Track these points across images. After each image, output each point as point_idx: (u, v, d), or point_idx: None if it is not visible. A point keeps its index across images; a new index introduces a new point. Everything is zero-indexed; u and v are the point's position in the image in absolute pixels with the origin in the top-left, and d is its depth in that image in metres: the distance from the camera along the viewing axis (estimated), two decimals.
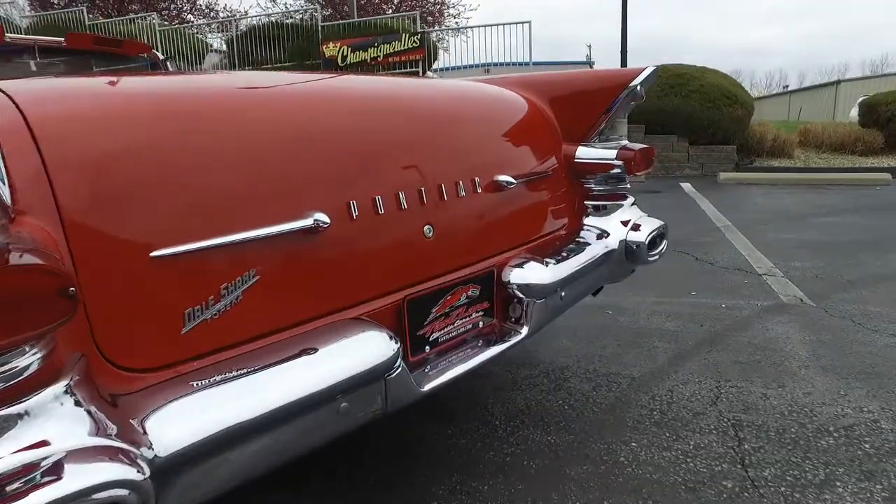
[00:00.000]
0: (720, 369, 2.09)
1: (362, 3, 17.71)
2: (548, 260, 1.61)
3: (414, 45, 10.40)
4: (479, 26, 10.23)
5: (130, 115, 1.01)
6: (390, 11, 15.00)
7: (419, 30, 10.42)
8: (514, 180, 1.56)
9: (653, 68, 1.87)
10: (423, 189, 1.35)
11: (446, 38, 15.93)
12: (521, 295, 1.51)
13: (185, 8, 18.02)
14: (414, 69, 10.24)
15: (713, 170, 8.37)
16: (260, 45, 11.53)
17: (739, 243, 4.11)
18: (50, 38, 3.65)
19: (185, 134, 1.04)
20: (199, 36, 13.76)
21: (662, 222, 1.94)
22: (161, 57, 4.03)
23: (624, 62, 9.33)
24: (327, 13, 16.88)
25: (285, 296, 1.12)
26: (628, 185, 1.98)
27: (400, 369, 1.16)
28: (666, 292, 3.02)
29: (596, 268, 1.75)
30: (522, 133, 1.78)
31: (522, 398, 1.92)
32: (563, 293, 1.61)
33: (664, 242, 1.96)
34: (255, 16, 12.30)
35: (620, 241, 1.82)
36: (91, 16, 13.88)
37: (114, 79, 1.23)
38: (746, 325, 2.52)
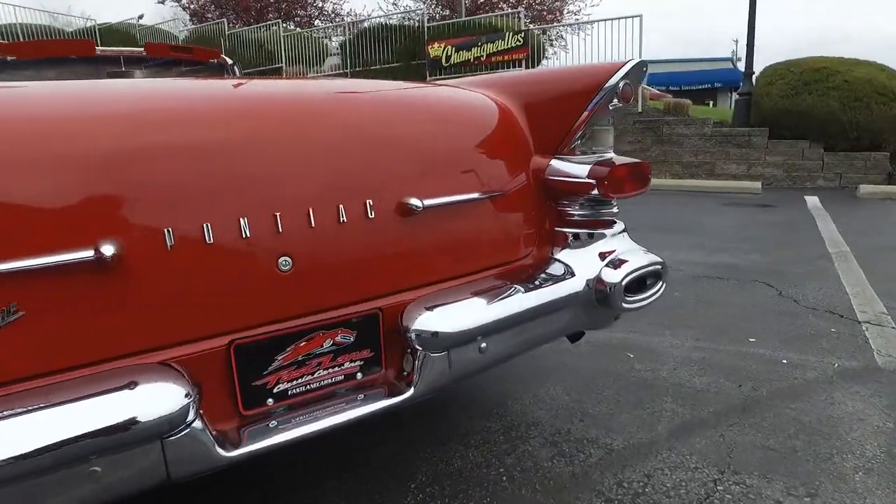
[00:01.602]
0: (734, 454, 1.59)
1: (480, 2, 17.62)
2: (472, 302, 1.30)
3: (517, 43, 10.04)
4: (584, 22, 9.60)
5: None
6: (507, 8, 14.71)
7: (523, 28, 10.03)
8: (424, 203, 1.26)
9: (635, 62, 1.46)
10: (279, 214, 1.12)
11: (564, 35, 15.30)
12: (415, 345, 1.22)
13: (314, 14, 19.25)
14: (517, 69, 9.90)
15: (853, 181, 7.04)
16: (370, 47, 11.89)
17: (849, 277, 3.30)
18: (133, 48, 3.95)
19: None
20: (325, 40, 14.60)
21: (656, 259, 1.52)
22: (229, 62, 4.20)
23: (750, 58, 8.17)
24: (445, 13, 17.03)
25: (61, 335, 0.96)
26: (615, 210, 1.58)
27: (187, 431, 0.96)
28: (714, 335, 2.46)
29: (547, 313, 1.40)
30: (466, 144, 1.45)
31: (461, 458, 1.60)
32: (483, 345, 1.29)
33: (657, 285, 1.53)
34: (366, 19, 12.70)
35: (589, 281, 1.44)
36: (230, 25, 15.29)
37: None
38: (804, 393, 1.93)
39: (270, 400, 1.15)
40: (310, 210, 1.16)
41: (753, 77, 8.24)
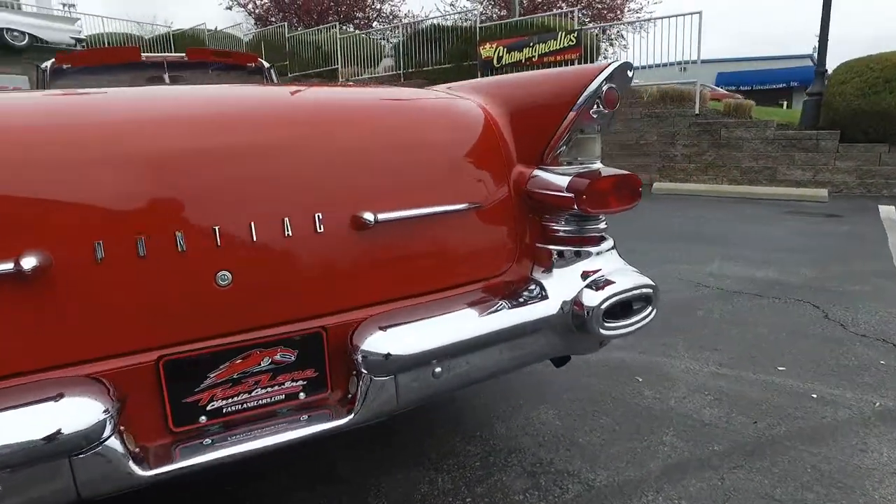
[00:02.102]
0: (731, 502, 1.42)
1: (538, 1, 17.33)
2: (427, 323, 1.22)
3: (570, 43, 9.76)
4: (636, 21, 9.18)
5: None
6: (565, 7, 14.36)
7: (576, 27, 9.74)
8: (378, 218, 1.19)
9: (618, 64, 1.33)
10: (219, 227, 1.09)
11: (625, 34, 14.78)
12: (360, 368, 1.15)
13: (372, 16, 19.56)
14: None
15: None
16: (423, 48, 11.93)
17: None
18: (177, 54, 4.11)
19: None
20: (382, 41, 14.80)
21: (645, 281, 1.39)
22: (266, 65, 4.31)
23: (822, 55, 7.54)
24: (503, 13, 16.86)
25: None
26: (602, 225, 1.45)
27: (99, 448, 0.93)
28: (739, 360, 2.25)
29: (515, 337, 1.29)
30: (433, 153, 1.37)
31: (429, 484, 1.52)
32: (438, 369, 1.21)
33: (646, 310, 1.39)
34: (420, 20, 12.75)
35: (564, 304, 1.32)
36: (293, 28, 15.77)
37: None
38: (830, 436, 1.72)
39: (203, 417, 1.11)
40: (251, 223, 1.12)
41: (825, 75, 7.62)
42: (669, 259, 3.89)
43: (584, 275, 1.38)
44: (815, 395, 1.96)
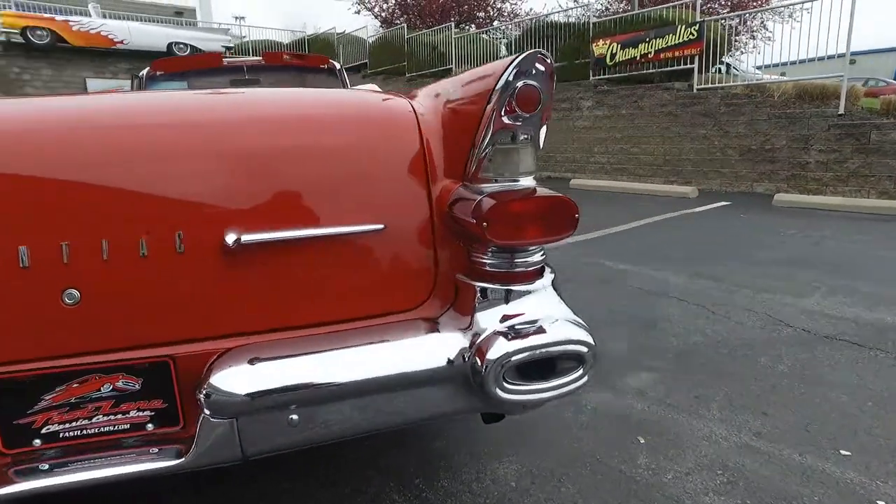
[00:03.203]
0: None
1: None
2: (283, 363, 1.06)
3: (690, 37, 8.83)
4: (774, 7, 8.02)
5: None
6: None
7: (697, 19, 8.78)
8: (243, 239, 1.06)
9: (524, 56, 1.07)
10: (67, 244, 1.03)
11: (770, 25, 13.15)
12: (203, 406, 1.02)
13: (493, 15, 19.43)
14: (689, 65, 8.74)
15: None
16: (534, 47, 11.58)
17: None
18: (254, 58, 4.35)
19: None
20: (496, 41, 14.66)
21: (577, 336, 1.11)
22: (337, 66, 4.41)
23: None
24: (625, 6, 15.85)
25: None
26: (536, 258, 1.18)
27: None
28: (789, 433, 1.78)
29: (396, 389, 1.09)
30: (334, 164, 1.19)
31: None
32: (295, 417, 1.05)
33: (573, 375, 1.11)
34: (534, 17, 12.32)
35: (464, 353, 1.09)
36: (416, 29, 16.16)
37: None
38: None
39: (38, 441, 1.05)
40: (105, 240, 1.04)
41: None
42: (759, 286, 3.29)
43: (505, 318, 1.12)
44: (881, 503, 1.47)
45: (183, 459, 1.03)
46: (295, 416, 1.05)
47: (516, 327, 1.09)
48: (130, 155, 1.08)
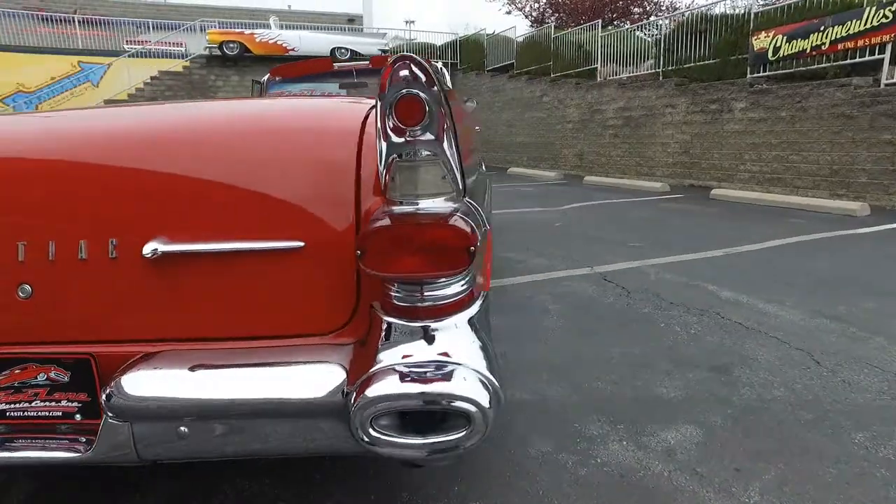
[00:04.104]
0: None
1: None
2: (177, 374, 1.10)
3: (883, 20, 7.38)
4: None
5: None
6: None
7: None
8: (161, 249, 1.11)
9: (396, 58, 0.94)
10: (25, 243, 1.16)
11: None
12: (104, 407, 1.09)
13: (651, 10, 18.16)
14: (877, 56, 7.31)
15: None
16: (685, 43, 10.58)
17: None
18: (361, 62, 4.63)
19: None
20: (650, 37, 13.69)
21: (472, 392, 0.98)
22: (438, 66, 4.52)
23: None
24: None
25: None
26: (454, 290, 1.06)
27: None
28: None
29: (274, 416, 1.06)
30: (263, 177, 1.17)
31: None
32: (184, 429, 1.07)
33: (457, 435, 0.97)
34: (685, 11, 11.20)
35: (336, 392, 1.02)
36: (561, 29, 15.73)
37: None
38: None
39: None
40: (52, 242, 1.15)
41: None
42: (878, 328, 2.64)
43: (404, 357, 1.03)
44: None
45: (82, 454, 1.10)
46: (184, 429, 1.07)
47: (403, 370, 0.98)
48: (69, 169, 1.17)
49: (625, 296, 3.41)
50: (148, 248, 1.11)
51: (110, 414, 1.07)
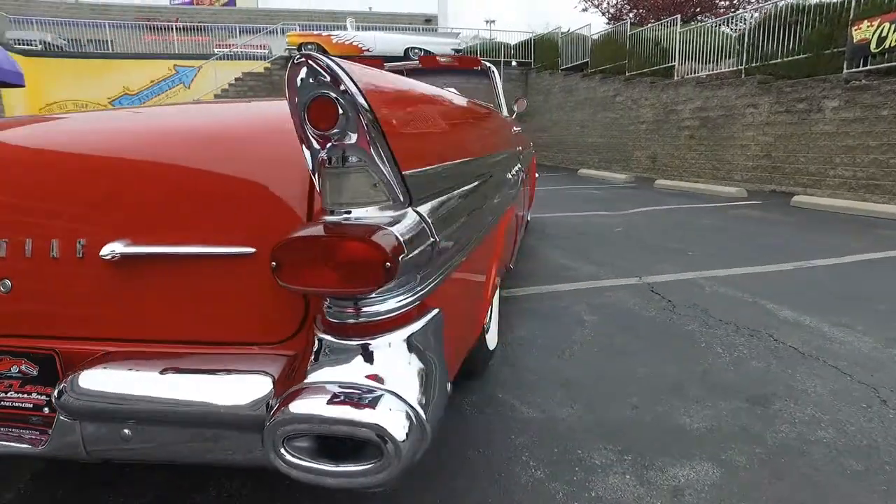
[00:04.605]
0: None
1: None
2: (121, 374, 1.11)
3: None
4: None
5: None
6: None
7: None
8: (119, 251, 1.13)
9: (297, 56, 0.88)
10: (6, 241, 1.22)
11: None
12: (56, 402, 1.12)
13: (738, 4, 16.98)
14: None
15: None
16: (773, 36, 9.79)
17: None
18: (411, 62, 4.68)
19: None
20: (731, 32, 12.84)
21: (384, 421, 0.91)
22: (491, 67, 4.49)
23: None
24: None
25: None
26: (387, 307, 1.01)
27: None
28: None
29: (200, 424, 1.05)
30: (210, 186, 1.16)
31: None
32: (127, 431, 1.09)
33: (366, 465, 0.91)
34: (769, 3, 10.28)
35: (259, 405, 0.98)
36: (638, 25, 15.07)
37: None
38: None
39: None
40: (29, 239, 1.20)
41: None
42: None
43: (325, 376, 0.97)
44: None
45: (36, 447, 1.13)
46: (127, 431, 1.07)
47: (322, 390, 0.92)
48: (43, 171, 1.22)
49: (669, 310, 3.17)
50: (106, 250, 1.12)
51: (59, 409, 1.09)
